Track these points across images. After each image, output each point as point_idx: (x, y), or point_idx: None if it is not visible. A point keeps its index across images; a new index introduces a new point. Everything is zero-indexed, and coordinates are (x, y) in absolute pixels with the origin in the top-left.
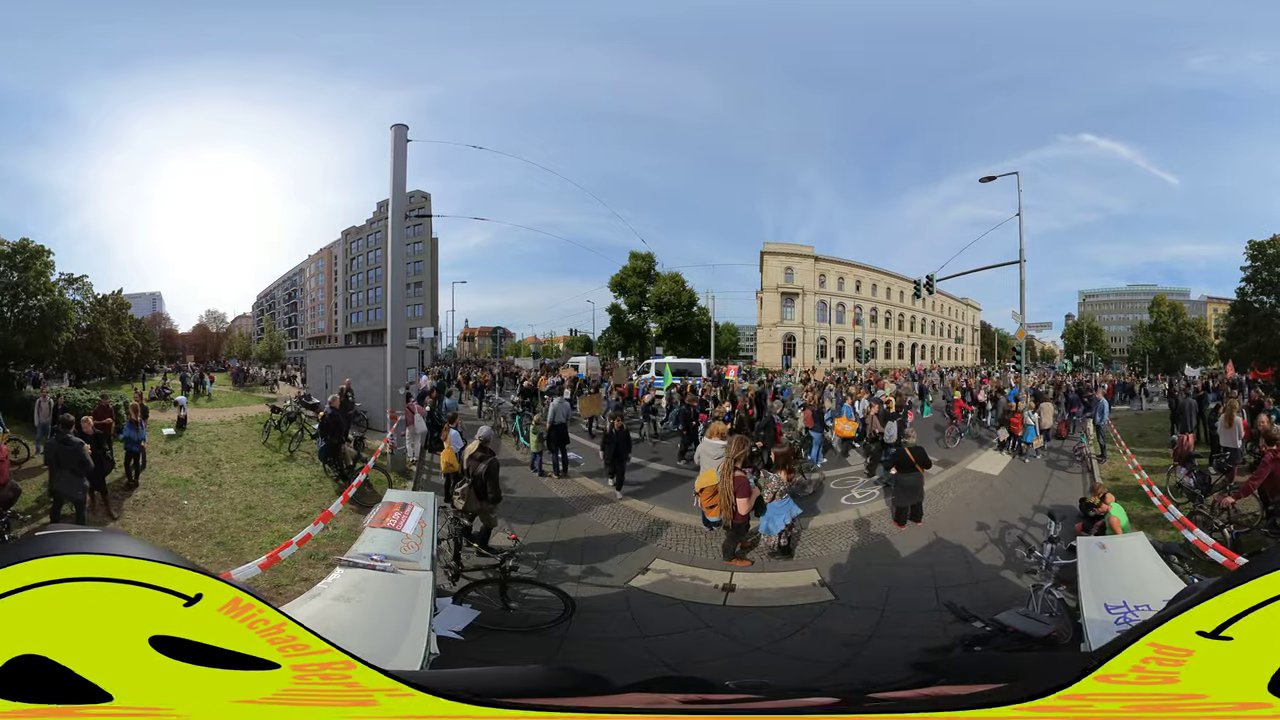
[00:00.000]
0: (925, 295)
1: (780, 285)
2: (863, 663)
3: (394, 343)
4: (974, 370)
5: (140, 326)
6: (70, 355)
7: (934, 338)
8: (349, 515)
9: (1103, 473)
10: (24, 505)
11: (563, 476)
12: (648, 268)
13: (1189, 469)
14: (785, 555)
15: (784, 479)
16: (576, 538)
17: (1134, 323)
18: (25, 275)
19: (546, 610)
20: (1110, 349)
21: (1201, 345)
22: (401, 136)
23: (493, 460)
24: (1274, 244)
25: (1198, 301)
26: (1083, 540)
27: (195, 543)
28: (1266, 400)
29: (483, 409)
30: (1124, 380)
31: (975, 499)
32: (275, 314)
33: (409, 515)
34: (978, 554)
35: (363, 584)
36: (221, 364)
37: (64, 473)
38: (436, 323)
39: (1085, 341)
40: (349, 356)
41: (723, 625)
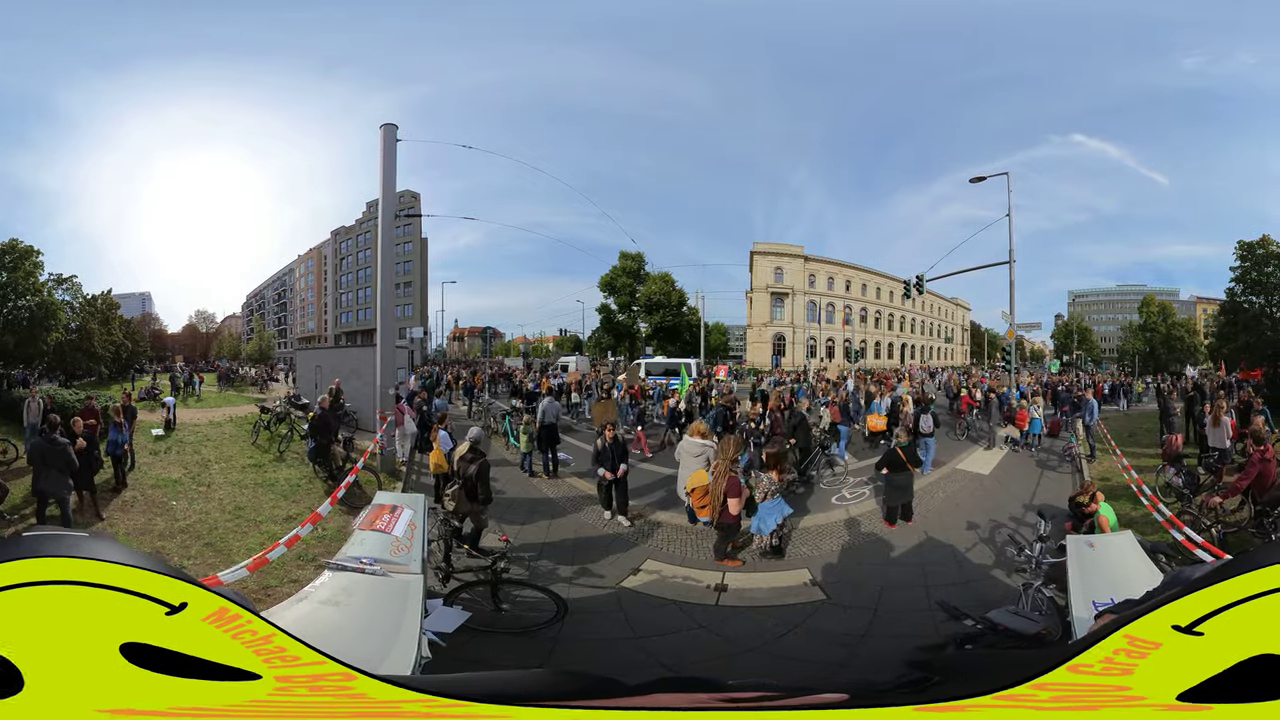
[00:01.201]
0: (915, 295)
1: (770, 285)
2: (857, 662)
3: (384, 343)
4: (965, 369)
5: (130, 327)
6: (60, 355)
7: (924, 338)
8: (338, 516)
9: (1092, 472)
10: (9, 505)
11: (553, 477)
12: (637, 268)
13: (1178, 469)
14: (777, 555)
15: (775, 479)
16: (567, 539)
17: (1123, 323)
18: (14, 275)
19: (539, 612)
20: (1100, 349)
21: (1191, 345)
22: (391, 136)
23: (483, 461)
24: (1263, 244)
25: (1187, 302)
26: (1072, 539)
27: (184, 543)
28: (1256, 400)
29: (473, 409)
30: (1115, 381)
31: (965, 498)
32: (265, 314)
33: (399, 517)
34: (968, 553)
35: (352, 587)
36: (211, 364)
37: (50, 472)
38: (426, 323)
39: (1075, 341)
40: (338, 357)
41: (716, 625)
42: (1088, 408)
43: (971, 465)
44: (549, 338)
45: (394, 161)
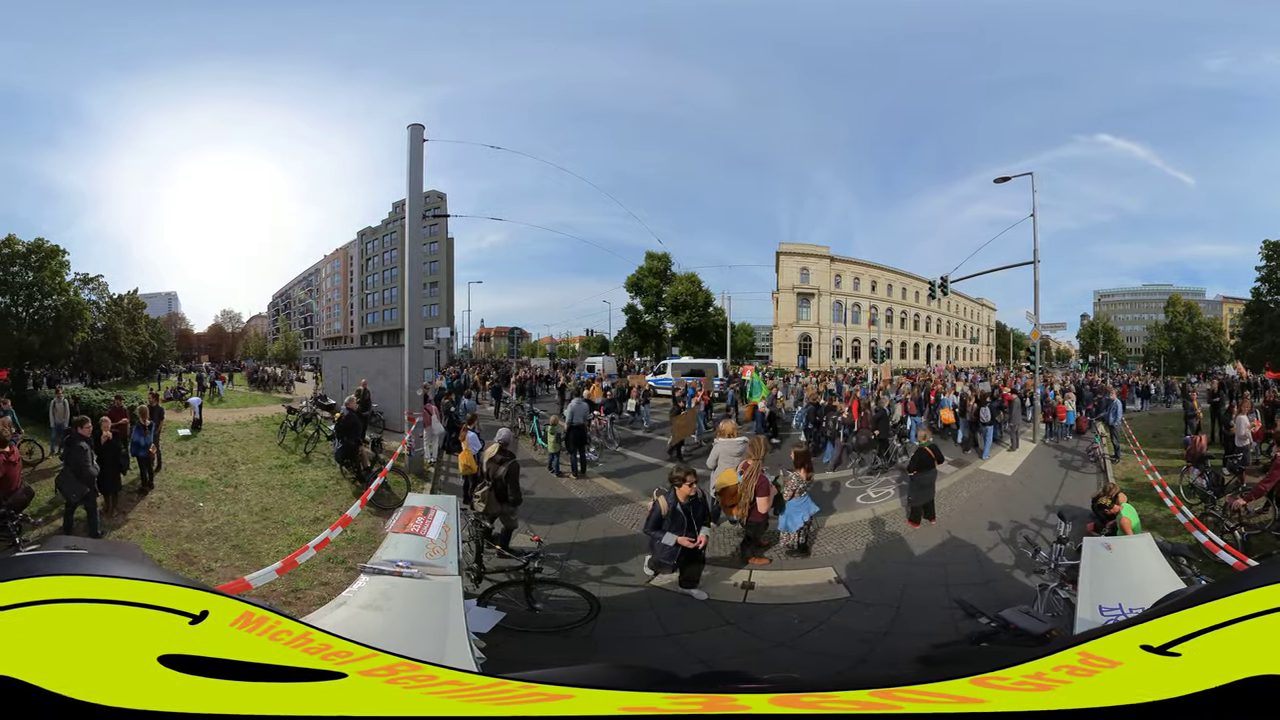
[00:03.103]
0: (940, 296)
1: (796, 285)
2: (878, 658)
3: (411, 343)
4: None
5: (156, 326)
6: (86, 355)
7: (949, 338)
8: (367, 518)
9: (1116, 473)
10: (36, 508)
11: (581, 477)
12: (664, 268)
13: (1202, 470)
14: (803, 553)
15: (803, 477)
16: (596, 538)
17: (1149, 323)
18: (40, 275)
19: (572, 610)
20: (1125, 349)
21: (1217, 345)
22: (418, 136)
23: (513, 463)
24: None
25: (1213, 301)
26: (1089, 540)
27: (211, 545)
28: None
29: (500, 410)
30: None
31: (988, 499)
32: (291, 314)
33: (432, 520)
34: (989, 553)
35: (390, 591)
36: (237, 364)
37: (67, 474)
38: (452, 323)
39: (1100, 341)
40: (365, 357)
41: (744, 622)
42: (1111, 408)
43: (994, 466)
44: (575, 338)
45: (420, 162)
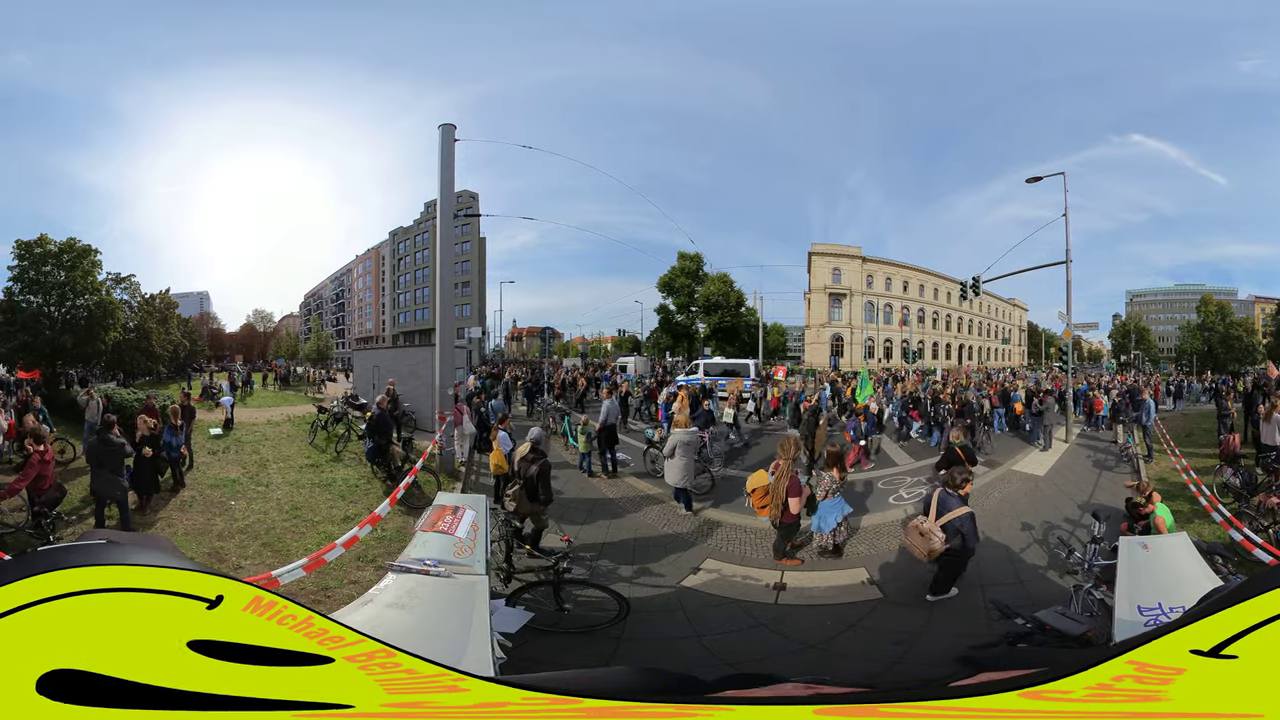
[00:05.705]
0: (972, 296)
1: (828, 286)
2: (913, 659)
3: (442, 343)
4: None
5: (188, 326)
6: (118, 355)
7: (981, 339)
8: (397, 517)
9: (1149, 473)
10: (69, 506)
11: (612, 476)
12: (696, 268)
13: (1235, 469)
14: (835, 554)
15: (836, 477)
16: (627, 539)
17: (1181, 322)
18: (73, 275)
19: (602, 611)
20: (1158, 349)
21: (1249, 345)
22: (449, 136)
23: (544, 462)
24: None
25: (1245, 301)
26: (1124, 540)
27: (242, 544)
28: None
29: (532, 410)
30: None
31: (1020, 499)
32: (323, 314)
33: (461, 519)
34: (1022, 553)
35: (417, 589)
36: (269, 364)
37: (104, 473)
38: (484, 322)
39: (1133, 341)
40: (396, 357)
41: (775, 623)
42: (1145, 408)
43: (1026, 466)
44: (607, 338)
45: (452, 161)
